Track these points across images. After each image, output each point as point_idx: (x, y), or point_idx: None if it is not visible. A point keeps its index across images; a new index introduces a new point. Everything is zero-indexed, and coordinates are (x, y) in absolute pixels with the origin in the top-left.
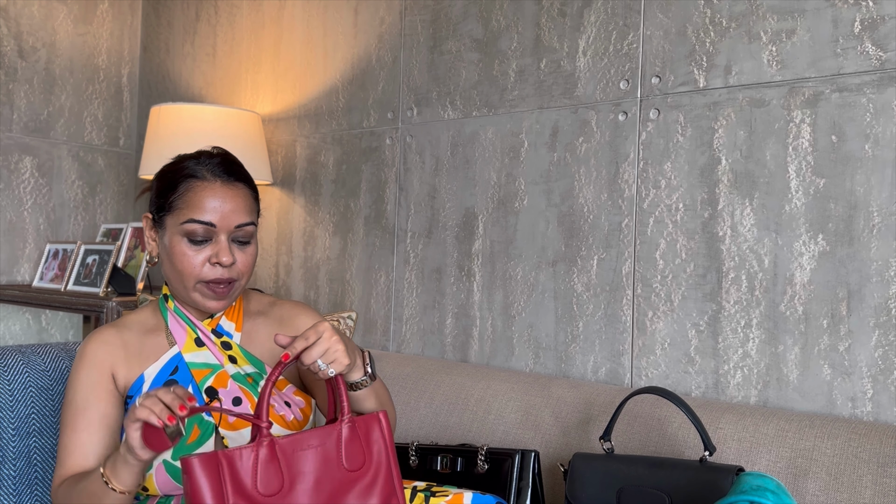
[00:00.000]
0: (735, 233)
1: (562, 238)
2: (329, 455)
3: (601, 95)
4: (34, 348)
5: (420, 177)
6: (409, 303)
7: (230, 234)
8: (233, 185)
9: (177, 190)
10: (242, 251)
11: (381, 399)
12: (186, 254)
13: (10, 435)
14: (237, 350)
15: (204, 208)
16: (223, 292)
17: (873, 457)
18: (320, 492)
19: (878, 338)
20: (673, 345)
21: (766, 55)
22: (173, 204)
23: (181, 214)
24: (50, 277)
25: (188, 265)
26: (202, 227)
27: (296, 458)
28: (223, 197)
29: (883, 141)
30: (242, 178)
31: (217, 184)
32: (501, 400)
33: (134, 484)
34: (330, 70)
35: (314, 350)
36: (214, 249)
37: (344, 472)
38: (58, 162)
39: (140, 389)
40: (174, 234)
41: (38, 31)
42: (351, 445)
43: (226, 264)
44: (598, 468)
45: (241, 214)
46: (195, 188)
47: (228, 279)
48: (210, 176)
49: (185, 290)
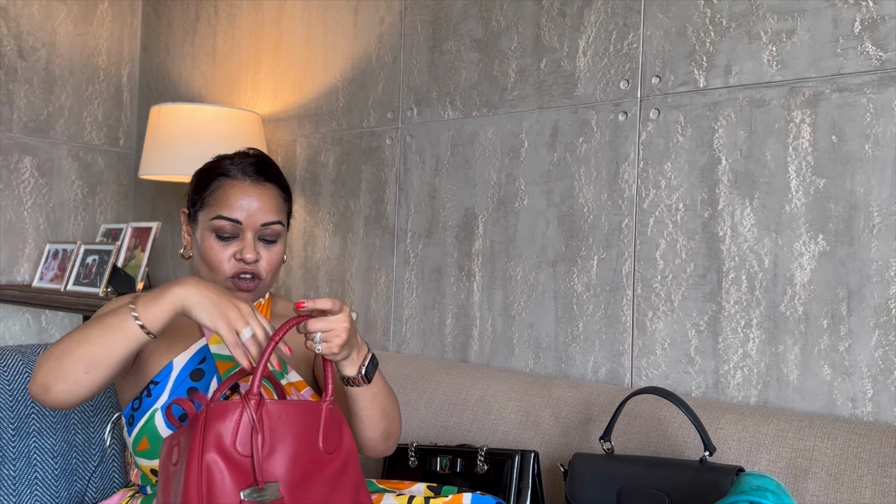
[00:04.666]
0: (735, 233)
1: (562, 238)
2: (309, 432)
3: (601, 95)
4: (34, 348)
5: (420, 177)
6: (409, 303)
7: (256, 232)
8: (262, 185)
9: (209, 187)
10: (268, 250)
11: (380, 403)
12: (214, 248)
13: (10, 435)
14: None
15: (232, 206)
16: (249, 286)
17: (873, 457)
18: (295, 465)
19: (879, 338)
20: (673, 345)
21: (766, 55)
22: (205, 200)
23: (211, 211)
24: (50, 277)
25: (215, 259)
26: (229, 223)
27: (280, 425)
28: (251, 195)
29: (883, 141)
30: (272, 179)
31: (246, 182)
32: (501, 400)
33: (158, 326)
34: (330, 70)
35: (321, 323)
36: (240, 246)
37: (319, 452)
38: (58, 162)
39: (168, 376)
40: (205, 229)
41: (38, 31)
42: (328, 428)
43: (249, 261)
44: (598, 468)
45: (268, 213)
46: (225, 186)
47: (252, 274)
48: (240, 175)
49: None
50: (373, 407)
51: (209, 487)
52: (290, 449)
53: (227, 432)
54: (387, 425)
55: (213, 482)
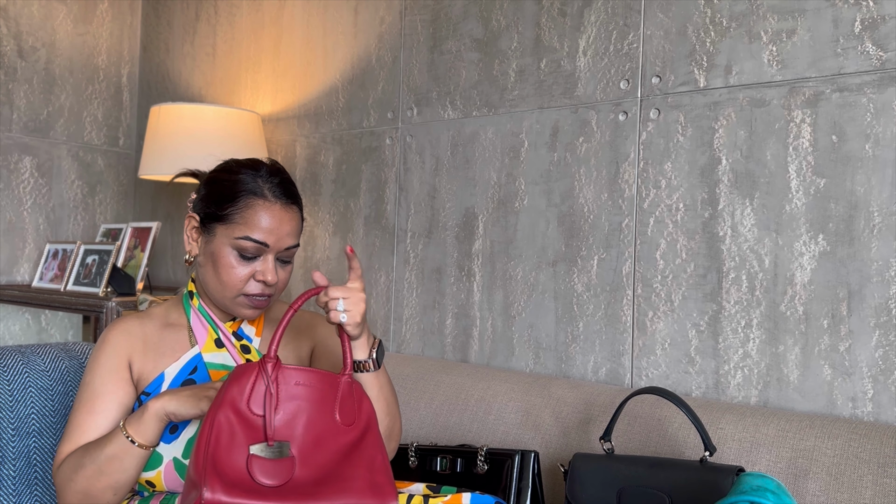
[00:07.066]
0: (735, 233)
1: (562, 238)
2: (326, 401)
3: (601, 95)
4: (34, 348)
5: (420, 177)
6: (409, 303)
7: (277, 254)
8: (290, 208)
9: (236, 203)
10: (283, 269)
11: (385, 396)
12: (234, 266)
13: (9, 435)
14: (255, 354)
15: (262, 228)
16: (262, 304)
17: (874, 457)
18: (309, 430)
19: (879, 338)
20: (673, 345)
21: (766, 55)
22: (230, 216)
23: (237, 229)
24: (49, 277)
25: (234, 278)
26: (255, 245)
27: (297, 390)
28: (281, 220)
29: (883, 141)
30: (297, 200)
31: (277, 206)
32: (501, 400)
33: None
34: (330, 70)
35: (342, 291)
36: (261, 267)
37: (336, 422)
38: (57, 162)
39: (160, 387)
40: (224, 244)
41: (38, 31)
42: (346, 399)
43: (270, 283)
44: (598, 468)
45: (292, 237)
46: (256, 206)
47: (269, 294)
48: (272, 196)
49: (223, 299)
50: (379, 399)
51: (217, 441)
52: (305, 414)
53: (241, 392)
54: (390, 422)
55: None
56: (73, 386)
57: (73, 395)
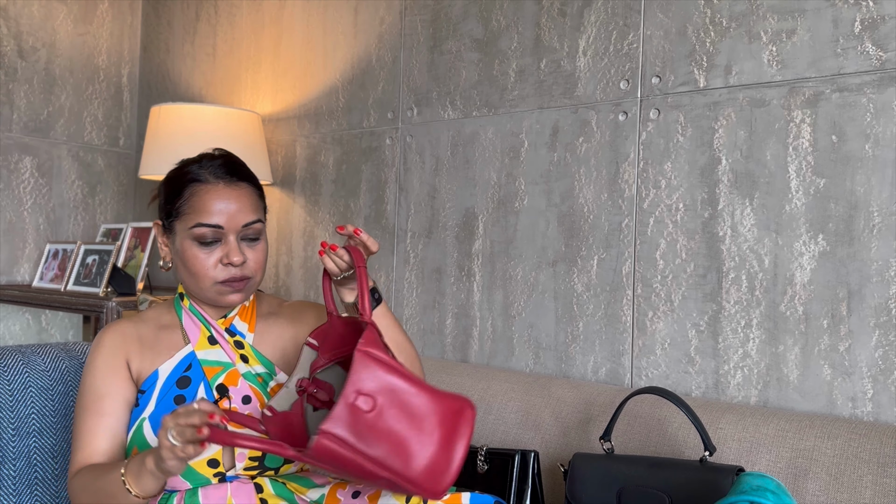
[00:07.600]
0: (735, 233)
1: (562, 238)
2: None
3: (601, 95)
4: (34, 348)
5: (420, 177)
6: (409, 303)
7: (238, 234)
8: (236, 186)
9: (182, 195)
10: (252, 248)
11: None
12: (198, 257)
13: (10, 435)
14: (249, 350)
15: (210, 211)
16: (240, 286)
17: (873, 457)
18: None
19: (879, 338)
20: (673, 345)
21: (766, 55)
22: (180, 209)
23: (189, 219)
24: (50, 277)
25: (201, 268)
26: (210, 229)
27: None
28: (228, 198)
29: (883, 141)
30: (245, 177)
31: (220, 185)
32: (501, 400)
33: (156, 491)
34: (330, 70)
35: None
36: (225, 250)
37: None
38: (57, 162)
39: (154, 385)
40: (184, 238)
41: (38, 31)
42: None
43: (237, 264)
44: (598, 468)
45: (247, 213)
46: (199, 192)
47: (242, 277)
48: (213, 178)
49: (202, 291)
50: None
51: None
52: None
53: None
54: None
55: None
56: (73, 386)
57: (74, 394)
